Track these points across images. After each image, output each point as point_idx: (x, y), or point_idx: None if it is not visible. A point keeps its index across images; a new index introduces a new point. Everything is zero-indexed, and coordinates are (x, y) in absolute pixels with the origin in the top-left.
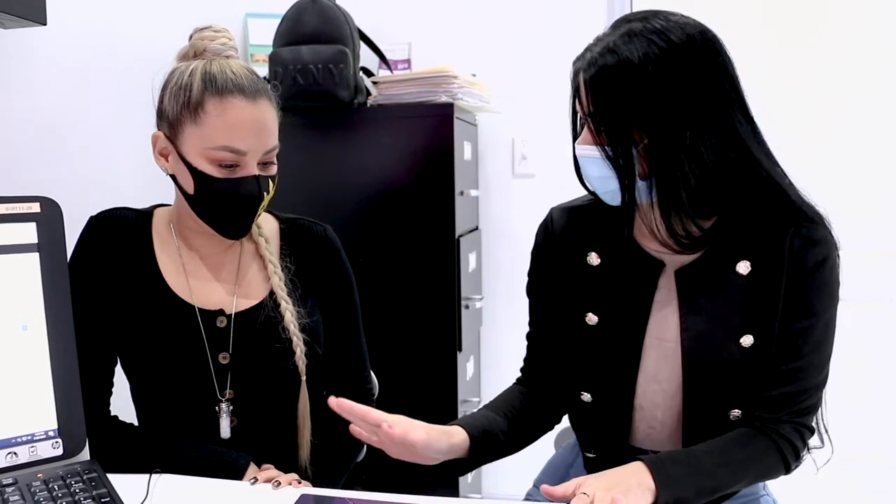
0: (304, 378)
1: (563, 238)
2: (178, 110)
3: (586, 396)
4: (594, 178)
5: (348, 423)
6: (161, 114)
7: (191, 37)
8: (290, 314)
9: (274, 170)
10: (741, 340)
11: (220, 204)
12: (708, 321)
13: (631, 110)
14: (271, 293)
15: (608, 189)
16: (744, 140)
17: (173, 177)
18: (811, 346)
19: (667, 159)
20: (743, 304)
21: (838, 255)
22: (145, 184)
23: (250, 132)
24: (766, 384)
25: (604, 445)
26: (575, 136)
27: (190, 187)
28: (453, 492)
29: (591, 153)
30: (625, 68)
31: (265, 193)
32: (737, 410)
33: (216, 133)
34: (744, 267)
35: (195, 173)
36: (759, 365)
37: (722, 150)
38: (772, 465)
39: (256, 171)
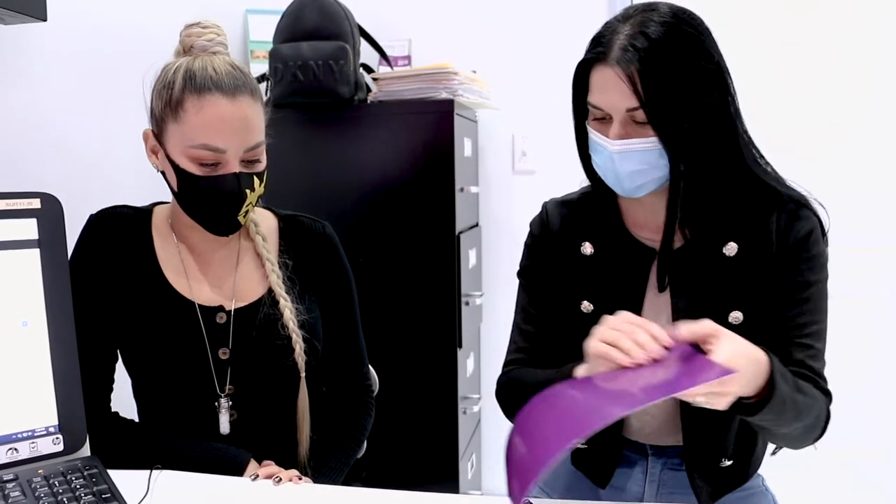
0: (303, 375)
1: (558, 230)
2: (161, 108)
3: None
4: (627, 172)
5: (348, 419)
6: (150, 112)
7: (181, 33)
8: (288, 311)
9: (260, 167)
10: (730, 317)
11: (202, 202)
12: (696, 301)
13: (679, 94)
14: (270, 290)
15: (640, 182)
16: (732, 119)
17: (163, 174)
18: (808, 314)
19: (704, 141)
20: (730, 283)
21: (824, 231)
22: (145, 181)
23: (229, 130)
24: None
25: (595, 435)
26: (579, 134)
27: (175, 185)
28: (453, 487)
29: (637, 146)
30: (668, 52)
31: (247, 191)
32: None
33: (195, 131)
34: (731, 248)
35: (178, 171)
36: (751, 341)
37: (730, 127)
38: (822, 412)
39: (238, 169)
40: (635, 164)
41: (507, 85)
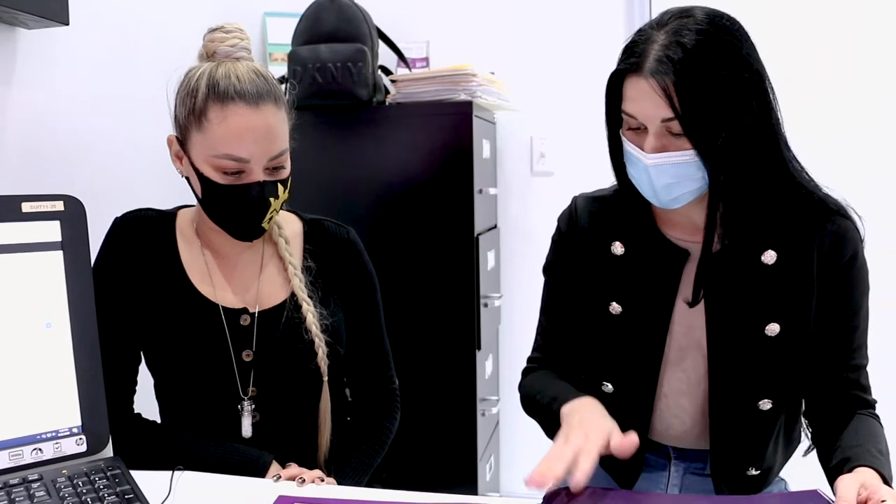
0: (325, 379)
1: (587, 227)
2: (185, 116)
3: (608, 387)
4: (664, 185)
5: (372, 422)
6: (174, 118)
7: (204, 38)
8: (311, 315)
9: (284, 174)
10: (766, 329)
11: (226, 209)
12: (732, 309)
13: (716, 105)
14: (293, 294)
15: (676, 194)
16: (774, 126)
17: (188, 179)
18: (859, 336)
19: (744, 151)
20: (768, 292)
21: (863, 242)
22: (168, 183)
23: (252, 139)
24: (833, 384)
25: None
26: (612, 143)
27: (199, 191)
28: (472, 489)
29: (673, 159)
30: (704, 62)
31: (271, 199)
32: (765, 401)
33: (218, 141)
34: (769, 257)
35: (201, 178)
36: (785, 354)
37: (771, 135)
38: (883, 431)
39: (262, 178)
40: (671, 177)
41: (526, 86)
